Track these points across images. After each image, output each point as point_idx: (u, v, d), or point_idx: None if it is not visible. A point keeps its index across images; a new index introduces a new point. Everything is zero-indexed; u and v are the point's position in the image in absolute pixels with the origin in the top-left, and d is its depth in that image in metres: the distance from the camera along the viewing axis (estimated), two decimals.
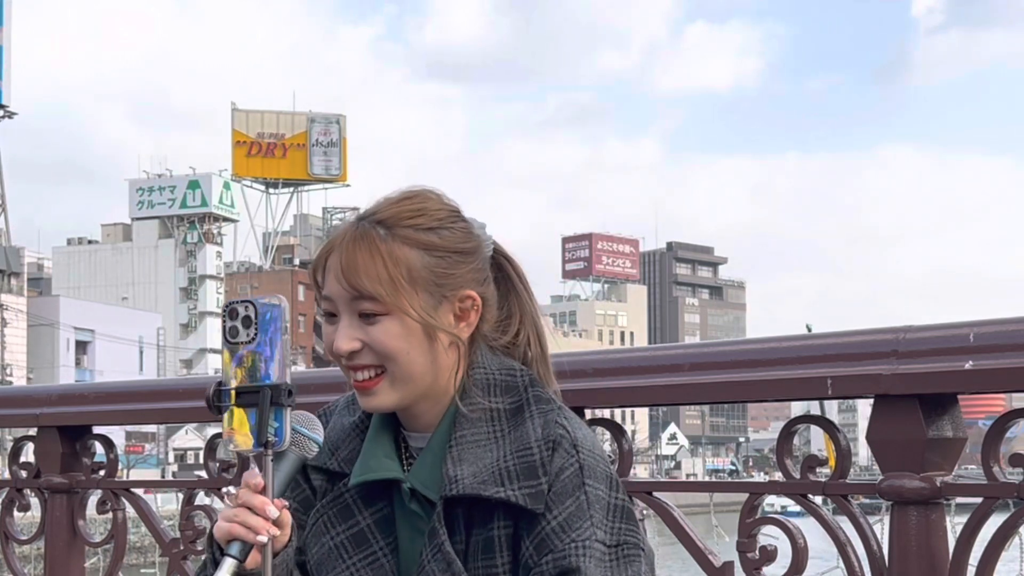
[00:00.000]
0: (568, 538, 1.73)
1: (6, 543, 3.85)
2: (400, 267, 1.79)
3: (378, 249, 1.80)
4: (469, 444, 1.80)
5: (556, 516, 1.74)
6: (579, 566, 1.71)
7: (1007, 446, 2.53)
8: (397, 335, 1.79)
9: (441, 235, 1.84)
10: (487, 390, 1.84)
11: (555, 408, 1.83)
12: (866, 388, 2.47)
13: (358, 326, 1.81)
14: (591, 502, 1.76)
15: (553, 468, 1.76)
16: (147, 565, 18.25)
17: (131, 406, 3.75)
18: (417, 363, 1.81)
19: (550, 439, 1.78)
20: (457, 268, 1.84)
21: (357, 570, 1.84)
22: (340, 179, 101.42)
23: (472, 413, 1.82)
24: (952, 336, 2.41)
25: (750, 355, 2.68)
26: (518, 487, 1.75)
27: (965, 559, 2.40)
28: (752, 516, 2.63)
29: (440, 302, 1.82)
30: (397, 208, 1.84)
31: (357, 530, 1.85)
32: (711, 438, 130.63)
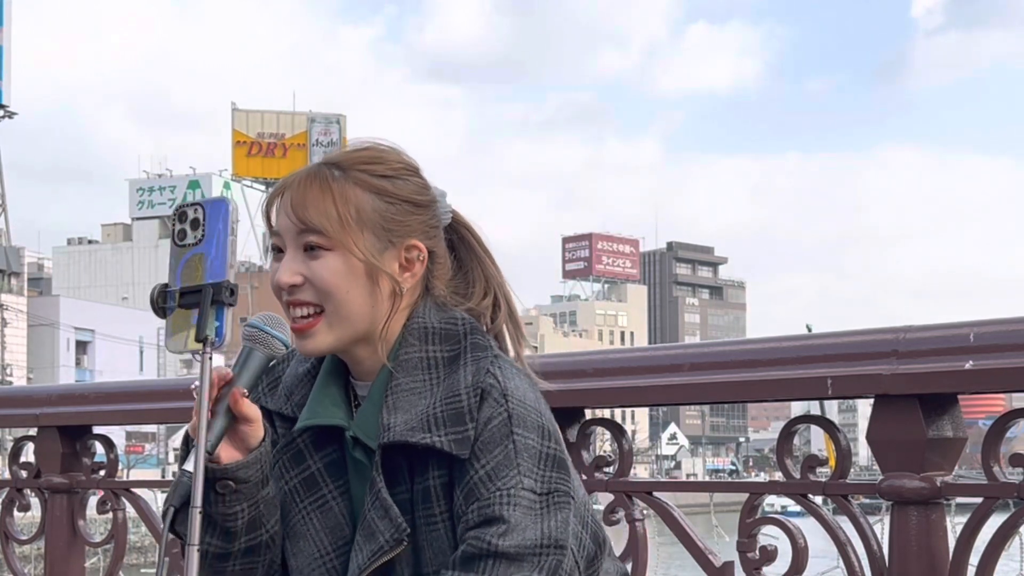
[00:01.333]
0: (494, 487, 1.72)
1: (6, 543, 3.85)
2: (349, 206, 1.82)
3: (329, 187, 1.82)
4: (405, 392, 1.80)
5: (484, 465, 1.73)
6: (502, 515, 1.71)
7: (1007, 446, 2.53)
8: (339, 272, 1.80)
9: (395, 183, 1.86)
10: (424, 338, 1.84)
11: (489, 356, 1.81)
12: (866, 388, 2.47)
13: (302, 260, 1.83)
14: (519, 450, 1.74)
15: (481, 417, 1.75)
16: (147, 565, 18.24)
17: (131, 406, 3.75)
18: (355, 303, 1.81)
19: (479, 387, 1.77)
20: (407, 217, 1.85)
21: (308, 513, 1.86)
22: None
23: (409, 361, 1.82)
24: (952, 336, 2.41)
25: (750, 355, 2.68)
26: (444, 433, 1.74)
27: (965, 559, 2.40)
28: (752, 516, 2.63)
29: (386, 247, 1.83)
30: (355, 154, 1.88)
31: (308, 474, 1.87)
32: (711, 438, 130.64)
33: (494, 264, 1.96)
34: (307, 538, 1.86)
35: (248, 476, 1.78)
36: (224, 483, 1.78)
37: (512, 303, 1.96)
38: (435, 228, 1.89)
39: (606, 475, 2.80)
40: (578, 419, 2.86)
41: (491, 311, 1.92)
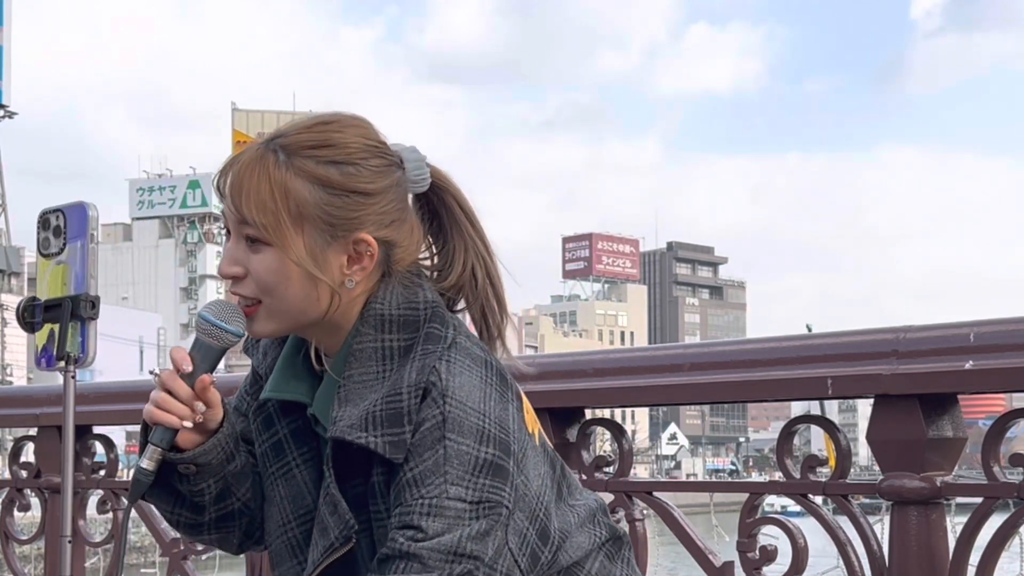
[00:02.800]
0: (417, 494, 1.64)
1: (6, 543, 3.85)
2: (289, 200, 1.69)
3: (269, 176, 1.70)
4: (356, 384, 1.71)
5: (412, 469, 1.65)
6: (419, 524, 1.63)
7: (1007, 446, 2.53)
8: (275, 270, 1.71)
9: (343, 171, 1.72)
10: (380, 326, 1.73)
11: (439, 350, 1.70)
12: (866, 388, 2.47)
13: (243, 250, 1.74)
14: (448, 457, 1.64)
15: (419, 418, 1.66)
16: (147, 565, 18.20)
17: (131, 406, 3.74)
18: (294, 299, 1.72)
19: (421, 385, 1.67)
20: (355, 210, 1.72)
21: (275, 480, 1.82)
22: None
23: (363, 352, 1.73)
24: (952, 336, 2.41)
25: (750, 355, 2.68)
26: (380, 434, 1.66)
27: (965, 559, 2.40)
28: (752, 516, 2.63)
29: (329, 243, 1.72)
30: (304, 135, 1.73)
31: (276, 440, 1.83)
32: (711, 438, 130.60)
33: (478, 232, 1.83)
34: (274, 503, 1.82)
35: (208, 460, 1.77)
36: (186, 467, 1.77)
37: (495, 276, 1.84)
38: (390, 214, 1.75)
39: (606, 475, 2.80)
40: (578, 419, 2.87)
41: (470, 287, 1.81)
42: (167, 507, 1.82)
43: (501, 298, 1.84)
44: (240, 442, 1.86)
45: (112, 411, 3.72)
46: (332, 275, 1.72)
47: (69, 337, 1.67)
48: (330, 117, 1.77)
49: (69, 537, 1.69)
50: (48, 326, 1.70)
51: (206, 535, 1.87)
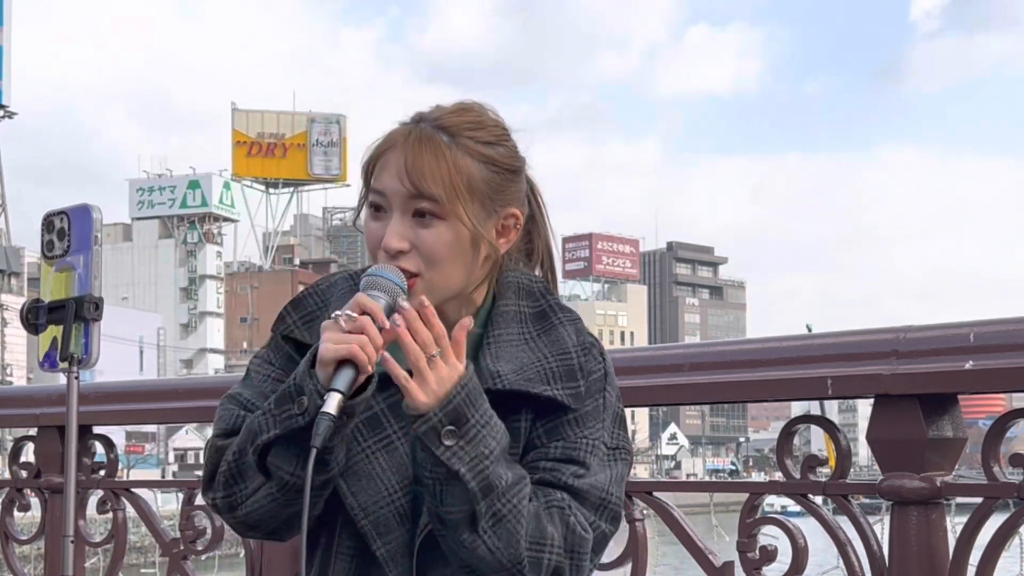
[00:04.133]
0: (581, 433, 1.82)
1: (6, 543, 3.85)
2: (462, 175, 1.82)
3: (444, 154, 1.82)
4: (504, 342, 1.86)
5: (576, 410, 1.83)
6: (585, 460, 1.81)
7: (1007, 446, 2.53)
8: (447, 242, 1.82)
9: (497, 151, 1.87)
10: (517, 293, 1.91)
11: (578, 317, 1.92)
12: (866, 388, 2.48)
13: (410, 226, 1.82)
14: (606, 407, 1.86)
15: (586, 371, 1.85)
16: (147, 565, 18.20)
17: (131, 406, 3.75)
18: (456, 272, 1.84)
19: (584, 345, 1.87)
20: (508, 185, 1.88)
21: (372, 452, 1.84)
22: (340, 179, 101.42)
23: (507, 313, 1.89)
24: (952, 336, 2.41)
25: (750, 355, 2.69)
26: (562, 387, 1.82)
27: (965, 559, 2.40)
28: (752, 516, 2.63)
29: (489, 215, 1.86)
30: (457, 118, 1.87)
31: (371, 414, 1.84)
32: (711, 438, 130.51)
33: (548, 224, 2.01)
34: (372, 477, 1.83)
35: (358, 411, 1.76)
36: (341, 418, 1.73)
37: (554, 266, 2.02)
38: (524, 192, 1.92)
39: None
40: None
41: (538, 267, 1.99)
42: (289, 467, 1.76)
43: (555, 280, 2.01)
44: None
45: (112, 411, 3.72)
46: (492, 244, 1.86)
47: (73, 338, 1.67)
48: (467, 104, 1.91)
49: (72, 537, 1.68)
50: (52, 328, 1.69)
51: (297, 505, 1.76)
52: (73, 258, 1.71)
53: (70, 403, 1.70)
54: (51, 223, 1.73)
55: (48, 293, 1.71)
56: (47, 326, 1.72)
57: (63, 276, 1.71)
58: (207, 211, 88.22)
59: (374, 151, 1.87)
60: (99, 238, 1.71)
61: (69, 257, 1.72)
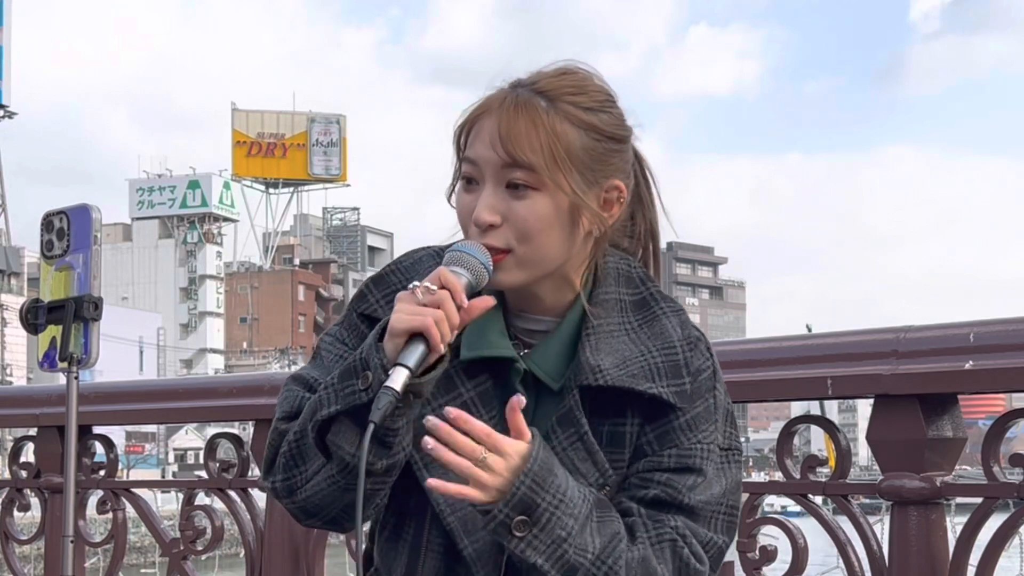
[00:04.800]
0: (695, 438, 1.71)
1: (6, 543, 3.85)
2: (562, 143, 1.69)
3: (542, 120, 1.69)
4: (604, 333, 1.74)
5: (686, 413, 1.71)
6: (702, 468, 1.71)
7: (1007, 446, 2.53)
8: (543, 214, 1.69)
9: (600, 117, 1.74)
10: (617, 281, 1.78)
11: (682, 308, 1.79)
12: (866, 388, 2.48)
13: (503, 197, 1.70)
14: (718, 406, 1.74)
15: (692, 368, 1.73)
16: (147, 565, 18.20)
17: (131, 406, 3.75)
18: (553, 247, 1.71)
19: (690, 339, 1.75)
20: (610, 155, 1.74)
21: None
22: (340, 179, 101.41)
23: (608, 302, 1.76)
24: (952, 336, 2.41)
25: (750, 355, 2.68)
26: (667, 384, 1.71)
27: (965, 559, 2.40)
28: (752, 516, 2.63)
29: (591, 186, 1.72)
30: (558, 81, 1.74)
31: (460, 403, 1.72)
32: None
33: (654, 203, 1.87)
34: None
35: (428, 391, 1.65)
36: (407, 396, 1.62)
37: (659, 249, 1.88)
38: (630, 163, 1.79)
39: None
40: None
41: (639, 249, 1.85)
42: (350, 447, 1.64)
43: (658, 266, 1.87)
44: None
45: (112, 411, 3.72)
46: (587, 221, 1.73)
47: (72, 338, 1.67)
48: (569, 67, 1.78)
49: (72, 537, 1.67)
50: (51, 328, 1.69)
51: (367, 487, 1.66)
52: (73, 258, 1.71)
53: (70, 403, 1.70)
54: (51, 223, 1.73)
55: (48, 293, 1.71)
56: (47, 326, 1.72)
57: (63, 276, 1.71)
58: (207, 211, 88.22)
59: (466, 117, 1.74)
60: (99, 238, 1.71)
61: (69, 257, 1.72)
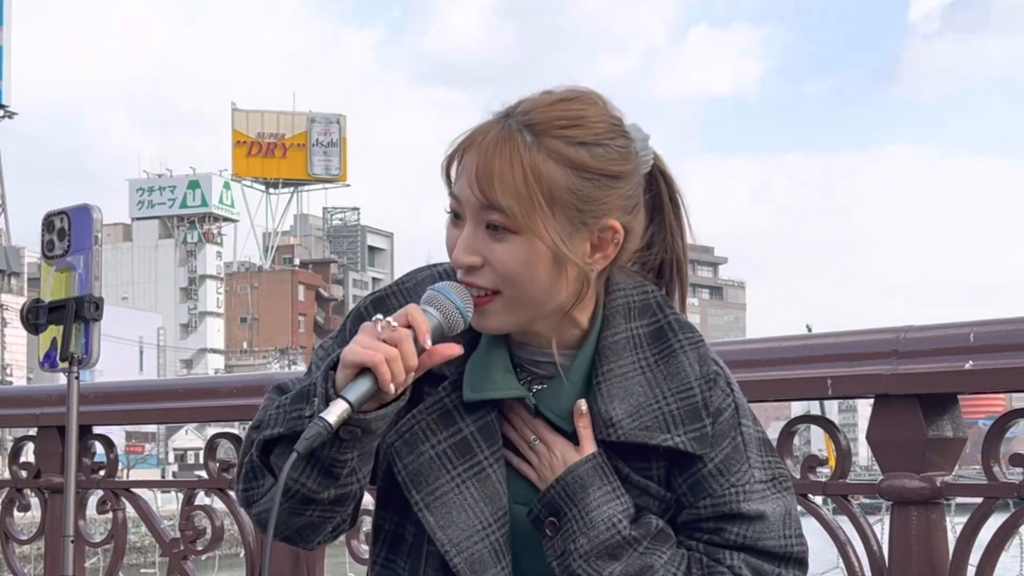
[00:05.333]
0: (727, 482, 1.66)
1: (6, 543, 3.85)
2: (541, 184, 1.59)
3: (520, 158, 1.60)
4: (617, 377, 1.67)
5: (713, 458, 1.66)
6: (739, 511, 1.65)
7: (1007, 446, 2.53)
8: (522, 259, 1.61)
9: (594, 153, 1.63)
10: (628, 315, 1.70)
11: (702, 339, 1.71)
12: (866, 388, 2.47)
13: (483, 239, 1.62)
14: (747, 442, 1.68)
15: (714, 408, 1.66)
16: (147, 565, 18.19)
17: (131, 406, 3.75)
18: (538, 291, 1.63)
19: (709, 377, 1.68)
20: (604, 193, 1.63)
21: (463, 480, 1.67)
22: (340, 179, 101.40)
23: (617, 343, 1.68)
24: (952, 336, 2.41)
25: (750, 355, 2.68)
26: (684, 432, 1.64)
27: (965, 559, 2.40)
28: None
29: (578, 229, 1.63)
30: (552, 112, 1.63)
31: (460, 438, 1.68)
32: None
33: (680, 226, 1.77)
34: (464, 509, 1.66)
35: (378, 428, 1.60)
36: (352, 430, 1.58)
37: (685, 275, 1.80)
38: (633, 198, 1.68)
39: None
40: None
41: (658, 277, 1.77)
42: (294, 473, 1.60)
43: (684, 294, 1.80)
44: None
45: (112, 411, 3.72)
46: (576, 265, 1.64)
47: (73, 338, 1.67)
48: (570, 94, 1.67)
49: (72, 537, 1.67)
50: (52, 328, 1.69)
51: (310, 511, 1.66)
52: (73, 258, 1.71)
53: (70, 403, 1.70)
54: (51, 223, 1.73)
55: (48, 293, 1.72)
56: (47, 326, 1.72)
57: (63, 276, 1.71)
58: (207, 211, 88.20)
59: (452, 149, 1.66)
60: (99, 238, 1.71)
61: (69, 257, 1.72)
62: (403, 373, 1.56)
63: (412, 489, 1.68)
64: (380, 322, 1.57)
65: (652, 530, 1.66)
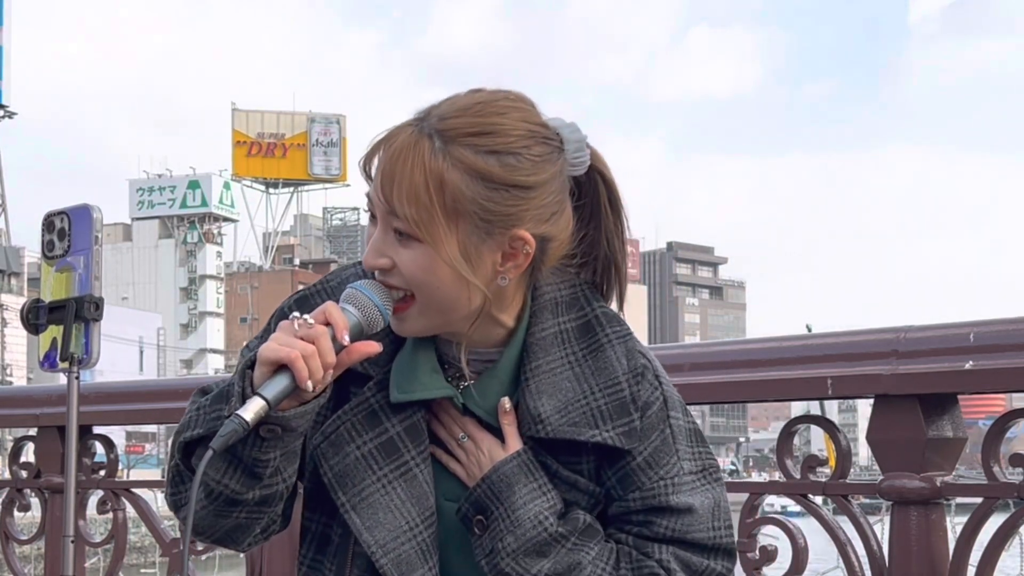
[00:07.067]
0: (656, 475, 1.65)
1: (6, 543, 3.85)
2: (444, 194, 1.56)
3: (423, 166, 1.56)
4: (545, 373, 1.65)
5: (641, 452, 1.65)
6: (668, 504, 1.65)
7: (1007, 446, 2.53)
8: (426, 267, 1.59)
9: (504, 162, 1.58)
10: (555, 311, 1.69)
11: (629, 332, 1.70)
12: (866, 388, 2.47)
13: (391, 242, 1.61)
14: (675, 435, 1.67)
15: (642, 402, 1.66)
16: (147, 565, 18.21)
17: (131, 406, 3.75)
18: (446, 297, 1.61)
19: (636, 371, 1.67)
20: (513, 204, 1.59)
21: (389, 481, 1.66)
22: (340, 179, 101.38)
23: (544, 339, 1.67)
24: (952, 336, 2.41)
25: (750, 355, 2.68)
26: (612, 427, 1.63)
27: (965, 559, 2.40)
28: (752, 516, 2.63)
29: (483, 240, 1.60)
30: (464, 118, 1.59)
31: (386, 438, 1.67)
32: (711, 438, 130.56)
33: (619, 228, 1.74)
34: (390, 510, 1.66)
35: (298, 425, 1.58)
36: (272, 429, 1.57)
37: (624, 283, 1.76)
38: (550, 207, 1.63)
39: None
40: None
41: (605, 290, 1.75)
42: (216, 474, 1.61)
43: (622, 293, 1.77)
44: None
45: (112, 411, 3.72)
46: (485, 274, 1.62)
47: (73, 338, 1.67)
48: (489, 96, 1.63)
49: (72, 537, 1.67)
50: (52, 328, 1.69)
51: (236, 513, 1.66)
52: (73, 258, 1.71)
53: (70, 403, 1.70)
54: (51, 223, 1.73)
55: (48, 293, 1.72)
56: (47, 326, 1.72)
57: (63, 276, 1.71)
58: (207, 211, 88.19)
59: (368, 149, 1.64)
60: (99, 238, 1.71)
61: (69, 257, 1.72)
62: (320, 370, 1.55)
63: (338, 490, 1.68)
64: (297, 320, 1.56)
65: (580, 526, 1.66)
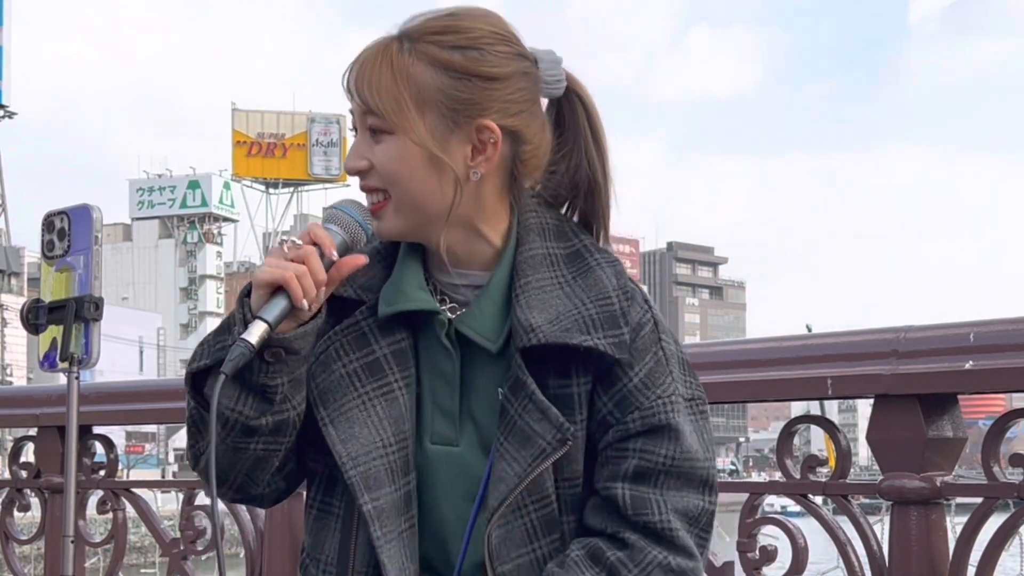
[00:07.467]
0: (653, 395, 1.66)
1: (6, 543, 3.85)
2: (410, 85, 1.65)
3: (391, 62, 1.66)
4: (535, 290, 1.68)
5: (637, 373, 1.67)
6: (669, 422, 1.66)
7: (1007, 446, 2.53)
8: (399, 157, 1.66)
9: (467, 55, 1.67)
10: (543, 235, 1.73)
11: (617, 260, 1.73)
12: (866, 388, 2.47)
13: (367, 143, 1.69)
14: (668, 357, 1.69)
15: (631, 321, 1.67)
16: (147, 565, 18.20)
17: (131, 406, 3.75)
18: (419, 190, 1.67)
19: (627, 290, 1.69)
20: (478, 93, 1.66)
21: (369, 399, 1.70)
22: (340, 179, 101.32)
23: (534, 258, 1.70)
24: (952, 336, 2.41)
25: (750, 355, 2.68)
26: (603, 336, 1.65)
27: (965, 559, 2.40)
28: (752, 516, 2.63)
29: (451, 130, 1.66)
30: (429, 23, 1.69)
31: (372, 359, 1.71)
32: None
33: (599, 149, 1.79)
34: (367, 425, 1.69)
35: (300, 347, 1.64)
36: (275, 352, 1.62)
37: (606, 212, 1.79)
38: (517, 103, 1.69)
39: None
40: None
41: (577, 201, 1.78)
42: (229, 402, 1.64)
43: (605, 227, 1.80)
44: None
45: (112, 411, 3.72)
46: (456, 164, 1.67)
47: (73, 338, 1.67)
48: (459, 8, 1.72)
49: (72, 537, 1.68)
50: (52, 328, 1.69)
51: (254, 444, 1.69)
52: (73, 258, 1.71)
53: (70, 403, 1.70)
54: (51, 223, 1.73)
55: (48, 293, 1.72)
56: (47, 326, 1.72)
57: (63, 276, 1.71)
58: (207, 211, 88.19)
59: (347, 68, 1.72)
60: (99, 238, 1.71)
61: (69, 257, 1.72)
62: (314, 288, 1.61)
63: (320, 405, 1.71)
64: (286, 243, 1.62)
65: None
